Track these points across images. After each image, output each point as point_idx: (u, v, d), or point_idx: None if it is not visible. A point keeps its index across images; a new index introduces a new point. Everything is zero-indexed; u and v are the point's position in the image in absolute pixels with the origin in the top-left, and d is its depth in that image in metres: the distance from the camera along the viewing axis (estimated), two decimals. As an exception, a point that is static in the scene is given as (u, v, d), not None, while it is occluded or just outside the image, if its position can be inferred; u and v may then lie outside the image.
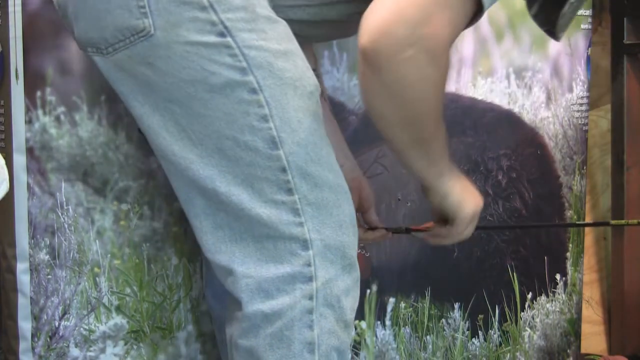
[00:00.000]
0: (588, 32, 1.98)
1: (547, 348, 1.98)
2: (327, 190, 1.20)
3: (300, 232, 1.19)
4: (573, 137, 1.98)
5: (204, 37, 1.14)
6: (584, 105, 1.99)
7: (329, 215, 1.20)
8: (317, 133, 1.20)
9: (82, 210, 1.55)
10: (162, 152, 1.21)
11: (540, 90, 1.91)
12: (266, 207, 1.18)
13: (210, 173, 1.18)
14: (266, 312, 1.19)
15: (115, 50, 1.17)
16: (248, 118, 1.16)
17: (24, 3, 1.49)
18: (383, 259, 1.78)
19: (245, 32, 1.15)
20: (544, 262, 1.96)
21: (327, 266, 1.20)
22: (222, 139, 1.17)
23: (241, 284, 1.20)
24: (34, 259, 1.54)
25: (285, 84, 1.16)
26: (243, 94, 1.15)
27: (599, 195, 2.17)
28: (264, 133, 1.16)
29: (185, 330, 1.64)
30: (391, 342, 1.80)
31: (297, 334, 1.20)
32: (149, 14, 1.14)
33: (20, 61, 1.50)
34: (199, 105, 1.16)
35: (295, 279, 1.19)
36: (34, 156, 1.53)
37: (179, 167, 1.20)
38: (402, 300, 1.81)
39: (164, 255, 1.62)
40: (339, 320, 1.22)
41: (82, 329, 1.56)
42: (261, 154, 1.17)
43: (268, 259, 1.19)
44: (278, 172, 1.17)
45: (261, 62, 1.15)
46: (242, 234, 1.19)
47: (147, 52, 1.15)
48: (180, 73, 1.15)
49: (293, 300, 1.19)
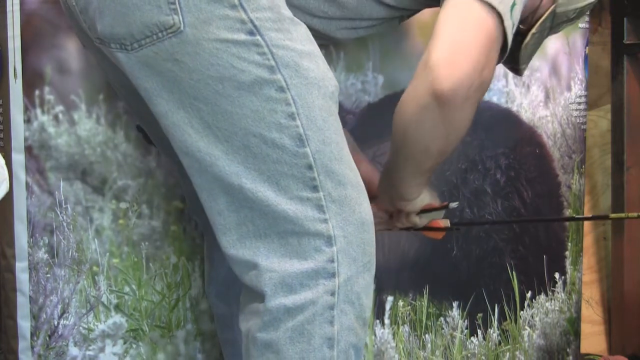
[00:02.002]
0: (585, 30, 1.98)
1: (547, 347, 1.97)
2: (350, 188, 1.22)
3: (325, 228, 1.20)
4: (571, 136, 1.97)
5: (234, 34, 1.16)
6: (582, 104, 1.98)
7: (351, 212, 1.21)
8: (339, 132, 1.22)
9: (81, 209, 1.56)
10: (187, 148, 1.21)
11: (539, 89, 1.91)
12: (292, 204, 1.19)
13: (237, 169, 1.19)
14: (289, 306, 1.20)
15: (140, 47, 1.18)
16: (276, 116, 1.17)
17: (22, 2, 1.49)
18: (381, 257, 1.78)
19: (273, 31, 1.17)
20: (543, 261, 1.95)
21: (349, 263, 1.21)
22: (249, 136, 1.18)
23: (265, 277, 1.21)
24: (33, 258, 1.54)
25: (310, 84, 1.19)
26: (271, 91, 1.17)
27: (599, 196, 2.17)
28: (291, 131, 1.18)
29: (184, 329, 1.64)
30: (390, 340, 1.80)
31: (318, 329, 1.21)
32: (178, 10, 1.15)
33: (19, 60, 1.51)
34: (226, 103, 1.17)
35: (318, 274, 1.20)
36: (33, 155, 1.53)
37: (204, 164, 1.20)
38: (401, 299, 1.81)
39: (163, 254, 1.62)
40: (358, 317, 1.23)
41: (81, 328, 1.56)
42: (288, 151, 1.18)
43: (292, 254, 1.20)
44: (304, 169, 1.19)
45: (288, 61, 1.17)
46: (266, 229, 1.21)
47: (174, 49, 1.16)
48: (208, 70, 1.16)
49: (316, 295, 1.20)
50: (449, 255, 1.84)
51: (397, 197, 1.43)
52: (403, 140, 1.32)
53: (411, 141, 1.32)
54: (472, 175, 1.83)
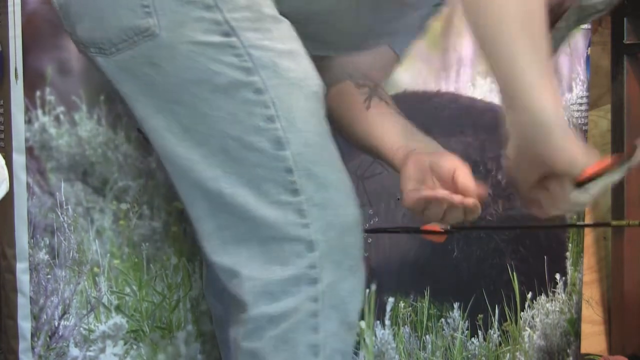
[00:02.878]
0: (587, 31, 1.98)
1: (547, 348, 1.98)
2: (333, 191, 1.19)
3: (306, 233, 1.18)
4: (572, 137, 1.97)
5: (209, 36, 1.14)
6: (583, 105, 1.98)
7: (335, 216, 1.19)
8: (322, 134, 1.19)
9: (82, 210, 1.55)
10: (166, 153, 1.20)
11: (540, 89, 1.91)
12: (272, 208, 1.17)
13: (215, 174, 1.17)
14: (271, 315, 1.18)
15: (118, 51, 1.17)
16: (254, 118, 1.15)
17: (23, 3, 1.49)
18: (382, 258, 1.78)
19: (251, 31, 1.15)
20: (543, 262, 1.96)
21: (332, 268, 1.19)
22: (227, 139, 1.16)
23: (246, 286, 1.19)
24: (34, 259, 1.54)
25: (290, 84, 1.16)
26: (248, 94, 1.15)
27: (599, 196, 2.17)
28: (270, 134, 1.15)
29: (185, 329, 1.64)
30: (390, 341, 1.80)
31: (302, 337, 1.19)
32: (153, 14, 1.14)
33: (20, 61, 1.50)
34: (203, 106, 1.15)
35: (300, 280, 1.18)
36: (34, 156, 1.53)
37: (183, 169, 1.19)
38: (402, 300, 1.81)
39: (164, 254, 1.62)
40: (343, 322, 1.21)
41: (82, 329, 1.56)
42: (267, 154, 1.16)
43: (273, 260, 1.18)
44: (284, 173, 1.17)
45: (266, 62, 1.15)
46: (246, 234, 1.19)
47: (151, 52, 1.15)
48: (184, 73, 1.15)
49: (298, 302, 1.18)
50: (449, 256, 1.84)
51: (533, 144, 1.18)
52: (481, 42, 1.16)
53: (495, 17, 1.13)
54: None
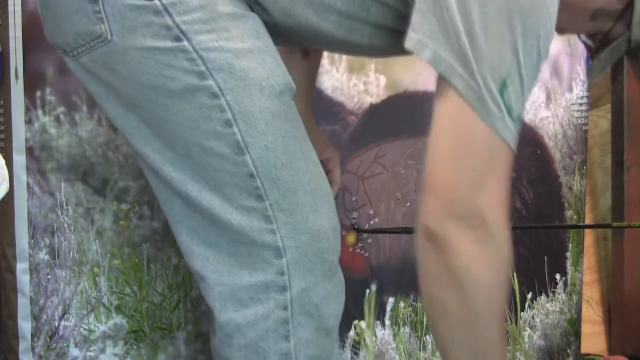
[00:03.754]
0: (588, 32, 1.98)
1: (547, 348, 1.98)
2: (302, 194, 1.15)
3: (273, 239, 1.14)
4: (573, 137, 1.98)
5: (159, 42, 1.10)
6: (583, 105, 1.99)
7: (304, 220, 1.15)
8: (288, 135, 1.14)
9: (82, 210, 1.55)
10: (138, 152, 1.18)
11: (540, 90, 1.91)
12: (237, 214, 1.14)
13: (182, 177, 1.15)
14: (239, 322, 1.16)
15: (79, 54, 1.14)
16: (211, 123, 1.11)
17: (23, 3, 1.49)
18: (382, 258, 1.78)
19: (203, 33, 1.10)
20: (543, 262, 1.96)
21: (303, 274, 1.16)
22: (189, 144, 1.13)
23: (214, 292, 1.17)
24: (34, 259, 1.54)
25: (249, 85, 1.11)
26: (203, 98, 1.11)
27: (599, 196, 2.17)
28: (229, 138, 1.11)
29: (185, 330, 1.64)
30: (391, 341, 1.80)
31: (273, 345, 1.16)
32: (105, 19, 1.10)
33: (20, 61, 1.50)
34: (162, 111, 1.12)
35: (268, 287, 1.16)
36: (34, 156, 1.53)
37: (154, 169, 1.17)
38: (402, 300, 1.81)
39: (164, 255, 1.62)
40: (319, 328, 1.19)
41: (82, 329, 1.56)
42: (227, 159, 1.12)
43: (242, 265, 1.16)
44: (246, 178, 1.13)
45: (221, 64, 1.10)
46: (216, 237, 1.16)
47: (107, 57, 1.12)
48: (139, 79, 1.11)
49: (267, 310, 1.16)
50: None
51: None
52: (431, 319, 1.10)
53: (432, 315, 1.08)
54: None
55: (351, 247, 1.76)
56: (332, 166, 1.47)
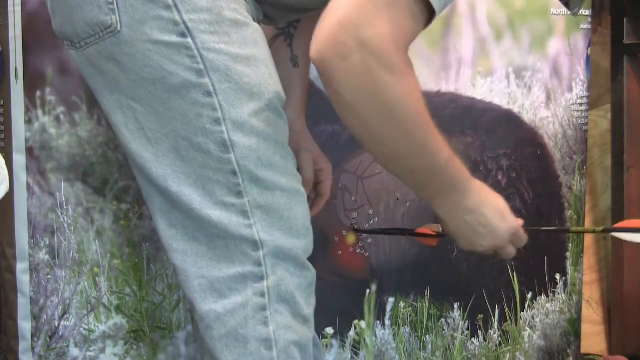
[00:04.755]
0: (588, 32, 1.98)
1: (547, 348, 1.98)
2: (279, 194, 1.21)
3: (250, 233, 1.20)
4: (573, 137, 1.97)
5: (165, 36, 1.15)
6: (583, 105, 1.98)
7: (279, 218, 1.21)
8: (271, 139, 1.20)
9: (82, 210, 1.56)
10: (124, 149, 1.23)
11: (540, 90, 1.91)
12: (216, 209, 1.19)
13: (164, 172, 1.19)
14: (219, 312, 1.21)
15: (86, 45, 1.19)
16: (201, 120, 1.17)
17: (23, 3, 1.49)
18: (382, 258, 1.78)
19: (207, 34, 1.16)
20: (544, 262, 1.95)
21: (278, 264, 1.21)
22: (178, 139, 1.18)
23: (194, 284, 1.21)
24: (34, 259, 1.54)
25: (241, 89, 1.17)
26: (198, 96, 1.16)
27: (599, 196, 2.17)
28: (216, 136, 1.17)
29: (185, 330, 1.64)
30: (391, 341, 1.80)
31: (252, 332, 1.21)
32: (116, 11, 1.15)
33: (20, 61, 1.51)
34: (158, 105, 1.17)
35: (246, 278, 1.20)
36: (34, 156, 1.53)
37: (138, 165, 1.21)
38: (402, 300, 1.81)
39: (164, 255, 1.62)
40: (296, 315, 1.23)
41: (82, 329, 1.56)
42: (213, 156, 1.18)
43: (220, 258, 1.21)
44: (229, 175, 1.19)
45: (219, 65, 1.16)
46: (194, 233, 1.21)
47: (113, 49, 1.17)
48: (142, 71, 1.16)
49: (245, 298, 1.20)
50: (449, 257, 1.84)
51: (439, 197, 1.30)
52: None
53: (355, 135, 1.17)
54: (473, 176, 1.83)
55: (351, 247, 1.76)
56: (324, 178, 1.52)
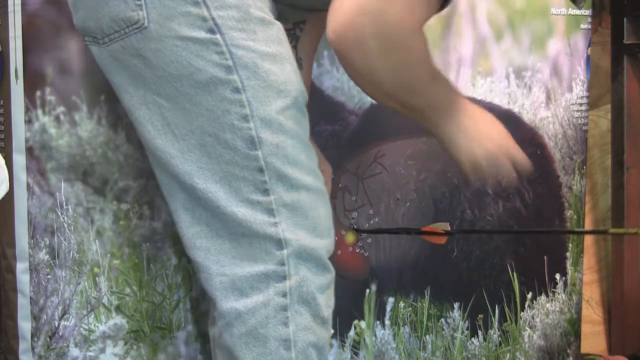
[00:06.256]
0: (588, 32, 1.98)
1: (547, 348, 1.98)
2: (304, 193, 1.21)
3: (275, 232, 1.20)
4: (573, 137, 1.97)
5: (194, 32, 1.16)
6: (583, 105, 1.98)
7: (304, 217, 1.21)
8: (297, 137, 1.21)
9: (82, 210, 1.56)
10: (147, 144, 1.23)
11: (540, 90, 1.91)
12: (242, 206, 1.19)
13: (190, 169, 1.19)
14: (240, 310, 1.21)
15: (110, 41, 1.19)
16: (229, 116, 1.17)
17: (23, 3, 1.49)
18: (382, 258, 1.78)
19: (235, 30, 1.17)
20: (543, 262, 1.95)
21: (301, 265, 1.21)
22: (204, 135, 1.18)
23: (215, 282, 1.22)
24: (34, 259, 1.54)
25: (269, 86, 1.18)
26: (226, 92, 1.17)
27: (599, 196, 2.17)
28: (244, 133, 1.18)
29: (185, 330, 1.64)
30: (390, 341, 1.80)
31: (272, 332, 1.21)
32: (143, 6, 1.16)
33: (20, 61, 1.51)
34: (184, 101, 1.18)
35: (269, 277, 1.20)
36: (34, 156, 1.53)
37: (162, 161, 1.21)
38: (402, 300, 1.81)
39: (164, 255, 1.62)
40: (315, 316, 1.23)
41: (82, 329, 1.56)
42: (240, 153, 1.18)
43: (243, 257, 1.21)
44: (255, 172, 1.19)
45: (247, 62, 1.17)
46: (218, 230, 1.21)
47: (139, 44, 1.17)
48: (168, 67, 1.17)
49: (267, 297, 1.20)
50: (449, 256, 1.84)
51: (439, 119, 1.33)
52: None
53: None
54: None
55: (351, 247, 1.76)
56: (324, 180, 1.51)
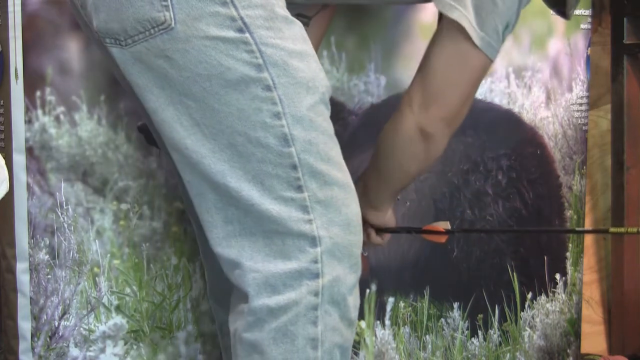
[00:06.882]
0: (588, 32, 1.98)
1: (547, 348, 1.98)
2: (337, 189, 1.21)
3: (309, 229, 1.20)
4: (573, 137, 1.97)
5: (223, 32, 1.16)
6: (583, 105, 1.98)
7: (337, 213, 1.21)
8: (327, 133, 1.22)
9: (82, 210, 1.56)
10: (175, 145, 1.22)
11: (540, 90, 1.91)
12: (276, 204, 1.19)
13: (222, 168, 1.19)
14: (272, 307, 1.20)
15: (134, 42, 1.18)
16: (261, 115, 1.17)
17: (23, 3, 1.49)
18: (382, 258, 1.78)
19: (263, 29, 1.17)
20: (543, 262, 1.95)
21: (334, 264, 1.21)
22: (235, 134, 1.18)
23: (248, 277, 1.21)
24: (34, 259, 1.54)
25: (298, 83, 1.18)
26: (257, 90, 1.17)
27: (599, 196, 2.17)
28: (276, 130, 1.18)
29: (185, 330, 1.64)
30: (390, 341, 1.80)
31: (301, 330, 1.21)
32: (170, 7, 1.15)
33: (20, 61, 1.50)
34: (213, 100, 1.17)
35: (302, 275, 1.20)
36: (34, 156, 1.53)
37: (192, 161, 1.21)
38: (402, 300, 1.81)
39: (164, 255, 1.62)
40: (343, 318, 1.23)
41: (82, 329, 1.56)
42: (272, 150, 1.18)
43: (276, 254, 1.20)
44: (289, 169, 1.19)
45: (277, 60, 1.17)
46: (251, 228, 1.21)
47: (165, 45, 1.17)
48: (197, 67, 1.16)
49: (299, 295, 1.20)
50: (449, 257, 1.84)
51: (367, 205, 1.45)
52: (385, 164, 1.42)
53: (393, 166, 1.42)
54: (473, 176, 1.83)
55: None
56: None
